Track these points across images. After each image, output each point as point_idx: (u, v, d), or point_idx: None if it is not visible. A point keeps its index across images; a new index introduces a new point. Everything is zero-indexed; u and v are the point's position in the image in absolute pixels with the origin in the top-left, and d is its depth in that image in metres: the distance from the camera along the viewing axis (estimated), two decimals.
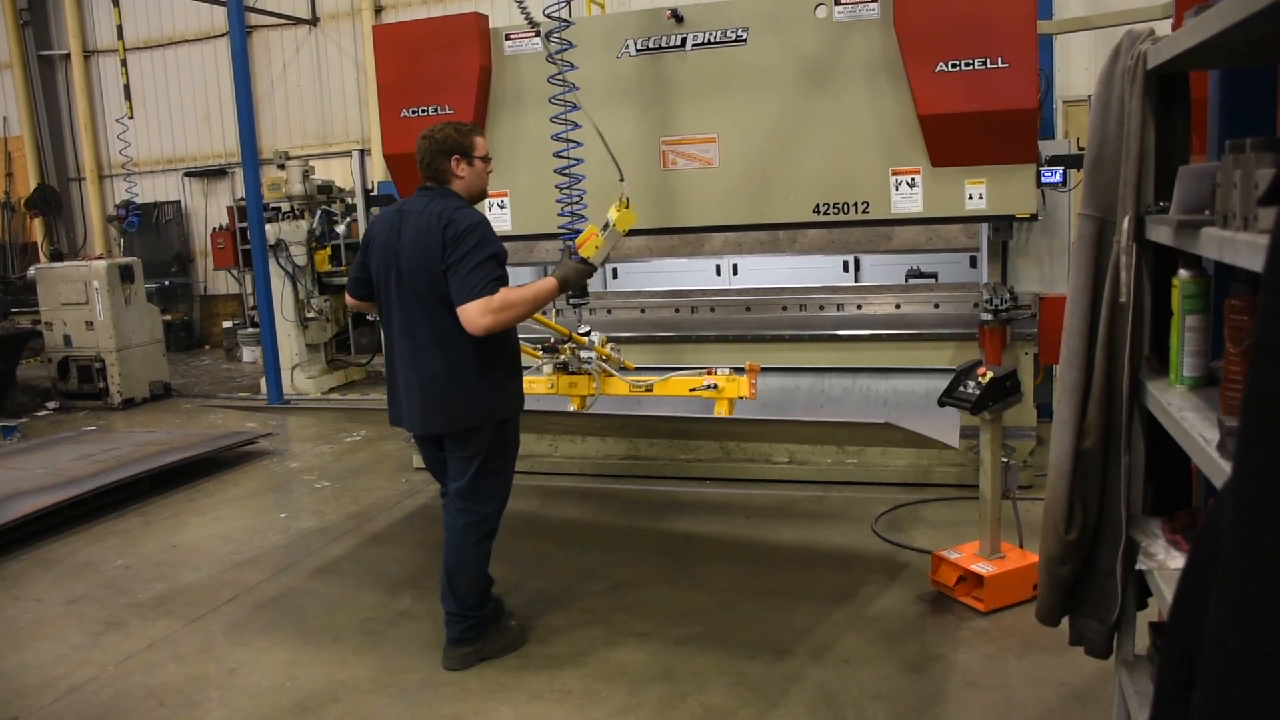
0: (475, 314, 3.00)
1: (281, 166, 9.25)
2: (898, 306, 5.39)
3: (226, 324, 12.42)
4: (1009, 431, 4.63)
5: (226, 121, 12.58)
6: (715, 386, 3.80)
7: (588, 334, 3.99)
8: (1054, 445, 2.16)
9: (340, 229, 9.36)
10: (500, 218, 5.07)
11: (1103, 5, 7.93)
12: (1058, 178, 4.49)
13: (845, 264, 6.62)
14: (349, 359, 10.39)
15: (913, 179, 4.55)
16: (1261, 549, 0.95)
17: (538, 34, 4.51)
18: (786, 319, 5.49)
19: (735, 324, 5.54)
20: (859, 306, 5.45)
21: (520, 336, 3.50)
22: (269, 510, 5.38)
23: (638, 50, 4.83)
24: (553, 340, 4.04)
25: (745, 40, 4.68)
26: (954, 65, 4.25)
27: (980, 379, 3.52)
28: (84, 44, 13.36)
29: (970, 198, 4.47)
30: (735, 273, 6.80)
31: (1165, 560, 1.87)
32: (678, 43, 4.76)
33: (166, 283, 12.87)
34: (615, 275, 6.93)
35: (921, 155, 4.50)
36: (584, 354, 3.95)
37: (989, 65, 4.21)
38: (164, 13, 12.92)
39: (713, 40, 4.72)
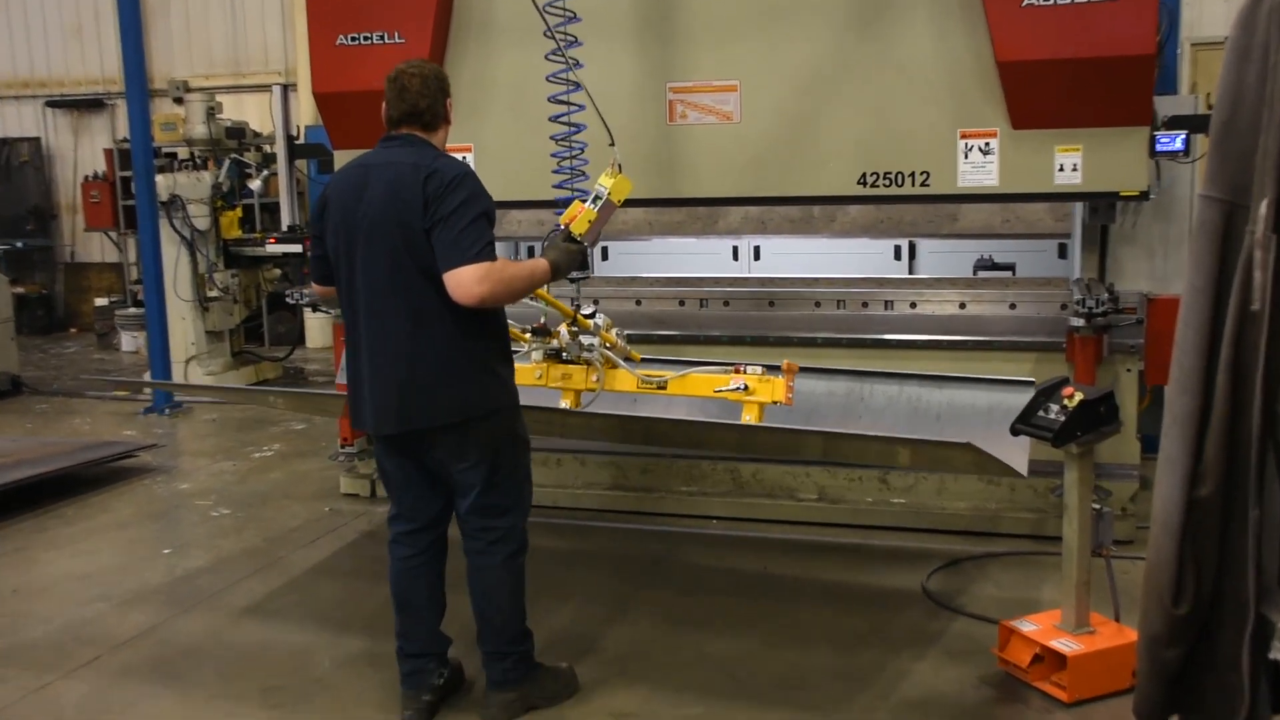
0: (470, 281, 3.08)
1: (179, 101, 9.25)
2: (962, 306, 5.40)
3: (100, 301, 12.36)
4: (1103, 470, 4.60)
5: (105, 37, 12.47)
6: (745, 388, 3.83)
7: (592, 315, 4.02)
8: (1160, 491, 2.14)
9: (255, 185, 9.33)
10: None
11: None
12: (1178, 145, 4.48)
13: (897, 250, 6.62)
14: (261, 352, 10.35)
15: (987, 144, 4.54)
16: None
17: None
18: (820, 318, 5.49)
19: (755, 322, 5.54)
20: (913, 305, 5.46)
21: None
22: (148, 544, 5.34)
23: None
24: (544, 321, 4.04)
25: None
26: None
27: (1067, 401, 3.51)
28: None
29: (1061, 169, 4.46)
30: (756, 257, 6.80)
31: None
32: None
33: (19, 244, 12.81)
34: (605, 257, 6.91)
35: (999, 114, 4.48)
36: (586, 339, 3.96)
37: None
38: None
39: None
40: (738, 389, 3.86)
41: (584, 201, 3.71)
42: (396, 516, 3.52)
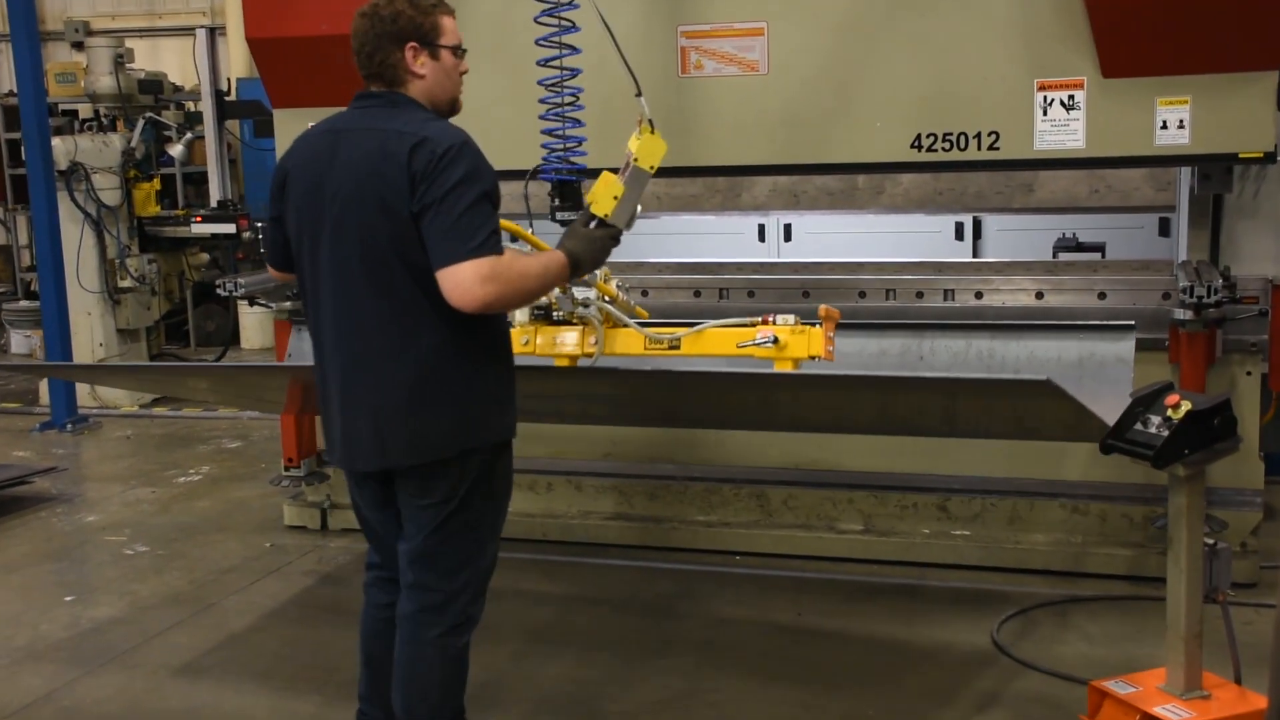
0: (473, 279, 3.00)
1: (79, 46, 9.24)
2: (1040, 296, 5.38)
3: None
4: (1217, 496, 4.59)
5: None
6: (775, 341, 3.82)
7: None
8: None
9: (176, 150, 9.31)
10: None
11: None
12: None
13: (959, 228, 6.62)
14: (185, 354, 10.34)
15: (1071, 97, 4.53)
16: None
17: None
18: (865, 310, 5.48)
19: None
20: (978, 294, 5.45)
21: None
22: (45, 590, 5.32)
23: None
24: None
25: None
26: None
27: (1171, 412, 3.49)
28: None
29: (1164, 126, 4.45)
30: (787, 238, 6.81)
31: None
32: None
33: None
34: None
35: (1087, 59, 4.47)
36: (580, 293, 3.93)
37: None
38: None
39: None
40: (766, 343, 3.84)
41: (617, 173, 3.64)
42: (376, 564, 3.51)
